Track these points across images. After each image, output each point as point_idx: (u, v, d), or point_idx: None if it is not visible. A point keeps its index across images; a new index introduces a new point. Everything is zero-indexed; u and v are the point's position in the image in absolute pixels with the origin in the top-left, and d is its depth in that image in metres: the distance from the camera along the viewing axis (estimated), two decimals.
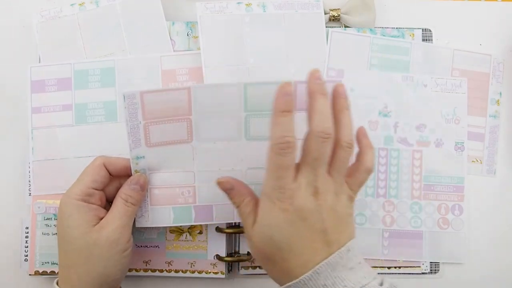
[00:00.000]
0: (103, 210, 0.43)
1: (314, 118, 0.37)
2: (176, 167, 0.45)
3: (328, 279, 0.35)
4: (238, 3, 0.49)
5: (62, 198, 0.42)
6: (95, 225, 0.41)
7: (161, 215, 0.45)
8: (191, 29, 0.50)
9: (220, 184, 0.41)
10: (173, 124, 0.44)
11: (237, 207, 0.40)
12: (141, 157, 0.44)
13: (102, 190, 0.44)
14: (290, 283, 0.36)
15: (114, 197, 0.43)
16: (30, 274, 0.48)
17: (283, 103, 0.37)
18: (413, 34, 0.50)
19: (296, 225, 0.36)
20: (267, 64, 0.49)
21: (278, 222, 0.36)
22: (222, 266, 0.48)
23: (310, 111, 0.37)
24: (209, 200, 0.45)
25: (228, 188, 0.41)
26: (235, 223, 0.48)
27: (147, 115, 0.43)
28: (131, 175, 0.44)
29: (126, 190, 0.43)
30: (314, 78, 0.38)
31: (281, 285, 0.37)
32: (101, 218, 0.42)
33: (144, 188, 0.44)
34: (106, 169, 0.43)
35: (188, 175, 0.45)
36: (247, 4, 0.49)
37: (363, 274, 0.36)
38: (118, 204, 0.42)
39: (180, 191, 0.45)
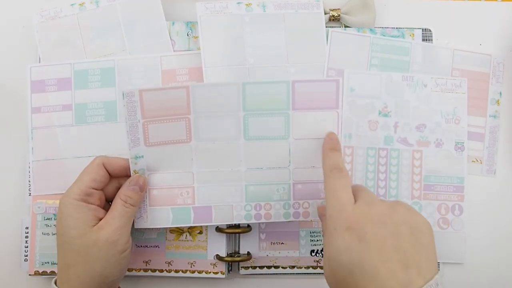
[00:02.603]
0: (102, 211, 0.43)
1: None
2: (175, 168, 0.45)
3: None
4: (238, 3, 0.49)
5: (61, 198, 0.42)
6: (94, 225, 0.41)
7: (160, 216, 0.45)
8: (191, 29, 0.50)
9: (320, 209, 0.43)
10: (172, 123, 0.44)
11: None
12: (140, 157, 0.44)
13: (102, 190, 0.44)
14: None
15: (113, 197, 0.43)
16: (30, 274, 0.48)
17: (331, 143, 0.43)
18: (413, 34, 0.50)
19: (364, 241, 0.34)
20: (267, 64, 0.49)
21: (345, 243, 0.34)
22: (222, 266, 0.48)
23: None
24: (208, 201, 0.45)
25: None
26: (234, 223, 0.48)
27: (146, 113, 0.43)
28: (130, 175, 0.44)
29: (125, 191, 0.43)
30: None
31: None
32: (100, 219, 0.42)
33: (143, 189, 0.44)
34: (105, 168, 0.43)
35: (187, 175, 0.45)
36: (247, 4, 0.49)
37: None
38: (117, 205, 0.42)
39: (179, 191, 0.45)
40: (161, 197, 0.45)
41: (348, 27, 0.51)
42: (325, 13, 0.50)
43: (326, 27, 0.50)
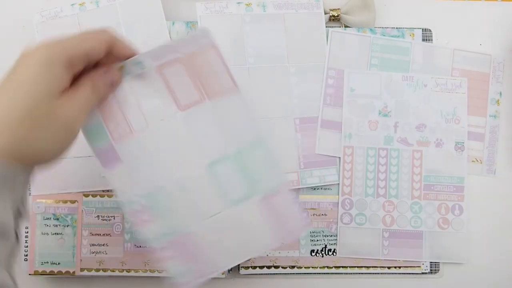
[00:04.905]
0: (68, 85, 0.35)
1: None
2: None
3: None
4: (238, 3, 0.49)
5: (41, 45, 0.34)
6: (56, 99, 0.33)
7: None
8: (191, 29, 0.50)
9: None
10: None
11: None
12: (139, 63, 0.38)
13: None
14: None
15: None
16: (29, 274, 0.48)
17: None
18: (413, 34, 0.51)
19: None
20: (267, 64, 0.49)
21: None
22: None
23: None
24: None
25: None
26: None
27: None
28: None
29: (98, 80, 0.37)
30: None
31: None
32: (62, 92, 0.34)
33: (114, 86, 0.38)
34: (108, 47, 0.36)
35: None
36: (247, 4, 0.49)
37: None
38: (86, 87, 0.35)
39: None
40: None
41: (348, 27, 0.51)
42: (325, 13, 0.50)
43: (326, 27, 0.50)
